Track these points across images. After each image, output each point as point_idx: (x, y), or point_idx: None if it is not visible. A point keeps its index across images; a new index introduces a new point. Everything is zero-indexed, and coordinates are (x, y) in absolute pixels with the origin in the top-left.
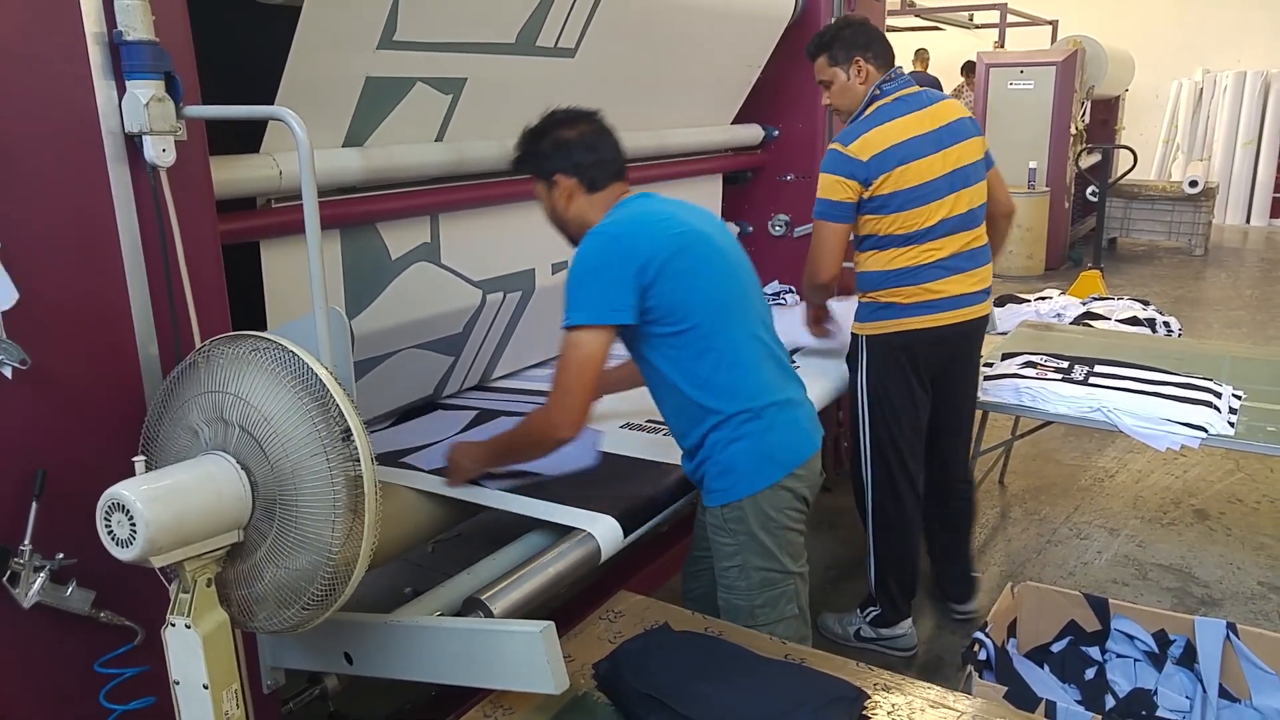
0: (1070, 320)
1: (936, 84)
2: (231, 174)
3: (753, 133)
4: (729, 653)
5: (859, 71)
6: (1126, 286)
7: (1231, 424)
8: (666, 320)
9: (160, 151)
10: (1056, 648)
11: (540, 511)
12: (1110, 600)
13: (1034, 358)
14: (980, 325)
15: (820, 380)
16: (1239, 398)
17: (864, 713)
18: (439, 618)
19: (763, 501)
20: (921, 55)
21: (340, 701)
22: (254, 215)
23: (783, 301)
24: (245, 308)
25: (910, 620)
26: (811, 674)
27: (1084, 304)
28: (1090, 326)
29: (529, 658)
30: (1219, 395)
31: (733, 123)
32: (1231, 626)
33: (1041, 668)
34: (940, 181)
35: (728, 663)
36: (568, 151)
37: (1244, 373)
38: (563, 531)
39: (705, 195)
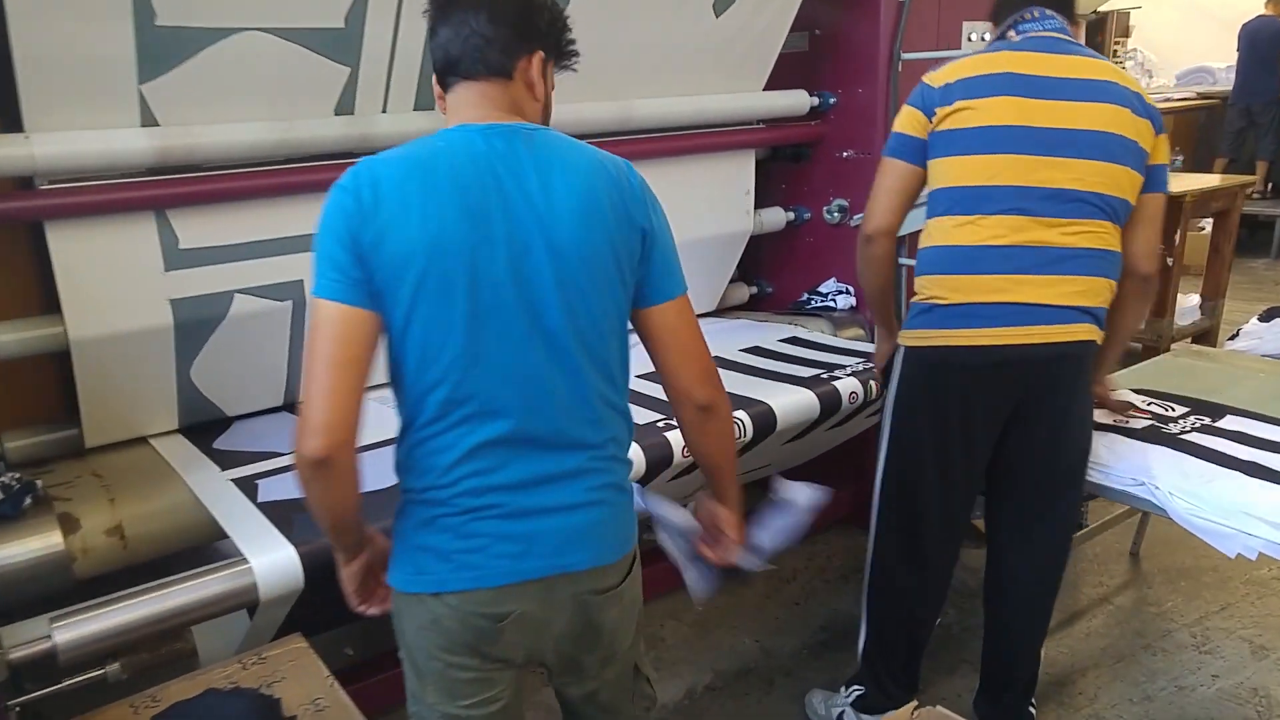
0: None
1: None
2: None
3: (794, 101)
4: None
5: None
6: None
7: None
8: None
9: None
10: None
11: (236, 526)
12: None
13: (1135, 398)
14: (1072, 354)
15: None
16: None
17: None
18: None
19: None
20: None
21: None
22: (29, 195)
23: (832, 304)
24: None
25: (902, 712)
26: None
27: None
28: None
29: None
30: None
31: (768, 89)
32: None
33: None
34: (1039, 133)
35: None
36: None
37: None
38: None
39: (729, 174)
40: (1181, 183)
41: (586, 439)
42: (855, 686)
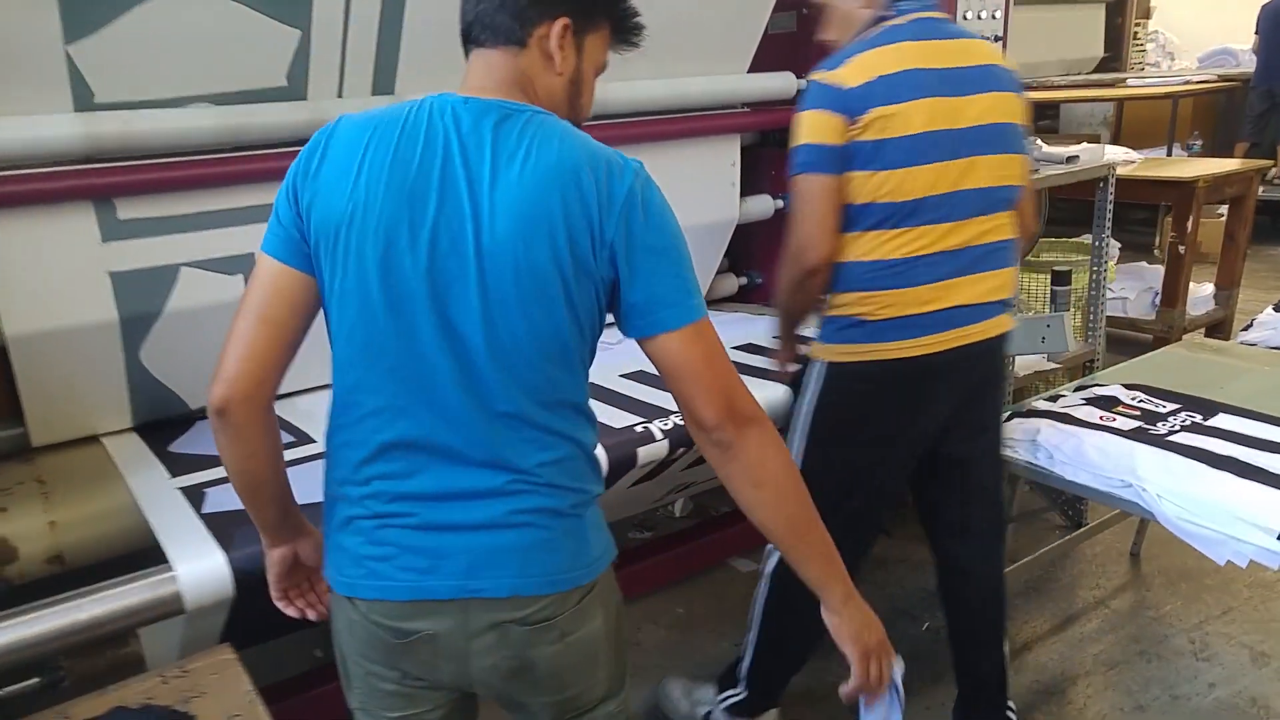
0: None
1: None
2: None
3: (781, 83)
4: None
5: None
6: None
7: None
8: None
9: None
10: None
11: (171, 534)
12: None
13: (1125, 394)
14: (997, 348)
15: None
16: None
17: None
18: None
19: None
20: None
21: None
22: None
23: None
24: None
25: (776, 711)
26: None
27: None
28: None
29: None
30: None
31: (753, 71)
32: None
33: None
34: (954, 136)
35: None
36: None
37: None
38: None
39: (712, 161)
40: (1195, 167)
41: (512, 461)
42: (732, 691)
